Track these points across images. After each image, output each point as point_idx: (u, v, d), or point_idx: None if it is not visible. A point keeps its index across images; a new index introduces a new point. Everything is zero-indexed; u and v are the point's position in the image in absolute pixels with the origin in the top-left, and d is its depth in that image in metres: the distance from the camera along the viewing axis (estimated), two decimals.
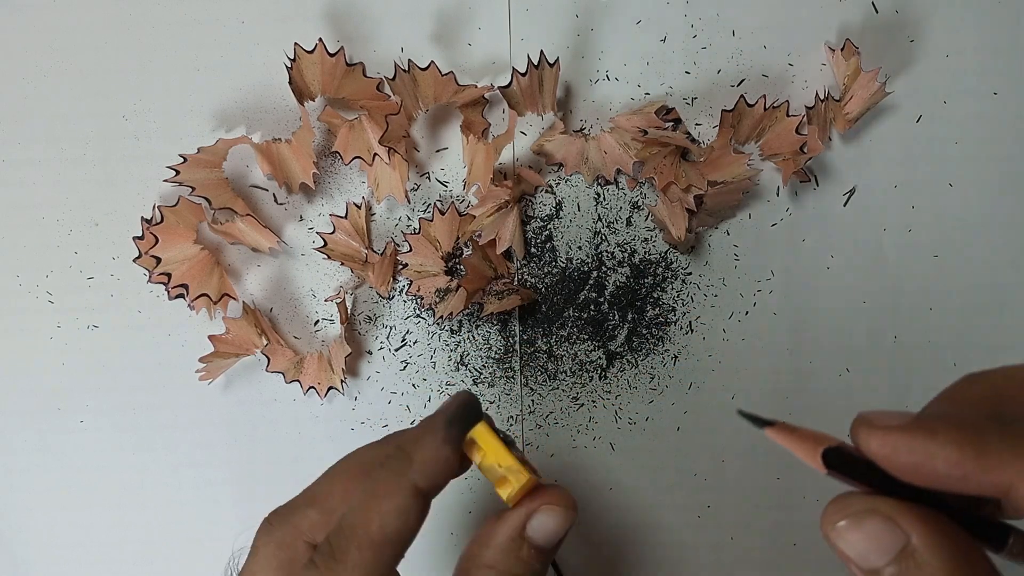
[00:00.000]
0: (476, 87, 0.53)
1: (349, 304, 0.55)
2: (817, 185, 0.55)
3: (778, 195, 0.55)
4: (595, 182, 0.55)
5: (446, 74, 0.52)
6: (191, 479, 0.57)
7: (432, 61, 0.52)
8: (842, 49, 0.52)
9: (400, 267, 0.55)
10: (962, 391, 0.31)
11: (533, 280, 0.56)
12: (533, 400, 0.56)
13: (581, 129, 0.55)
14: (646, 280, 0.56)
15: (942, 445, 0.26)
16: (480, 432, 0.38)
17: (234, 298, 0.54)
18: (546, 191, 0.55)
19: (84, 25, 0.55)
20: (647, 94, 0.55)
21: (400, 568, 0.37)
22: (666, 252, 0.56)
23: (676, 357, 0.56)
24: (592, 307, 0.56)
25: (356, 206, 0.55)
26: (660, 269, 0.56)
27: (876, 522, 0.27)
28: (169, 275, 0.52)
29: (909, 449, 0.27)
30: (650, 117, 0.52)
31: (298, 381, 0.55)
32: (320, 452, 0.57)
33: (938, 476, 0.26)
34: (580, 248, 0.55)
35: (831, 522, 0.28)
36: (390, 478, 0.35)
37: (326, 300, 0.56)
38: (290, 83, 0.50)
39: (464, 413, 0.37)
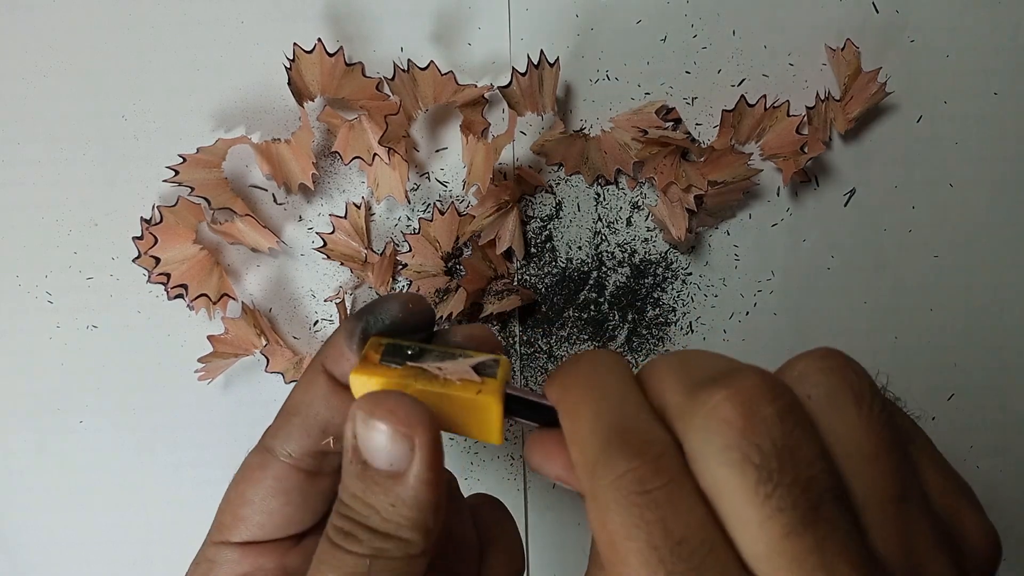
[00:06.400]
0: (476, 87, 0.53)
1: (349, 304, 0.55)
2: (817, 185, 0.55)
3: (778, 195, 0.55)
4: (595, 182, 0.55)
5: (446, 74, 0.52)
6: (191, 479, 0.57)
7: (432, 61, 0.52)
8: (842, 49, 0.52)
9: (400, 267, 0.55)
10: None
11: (533, 280, 0.56)
12: None
13: (581, 129, 0.55)
14: (646, 280, 0.56)
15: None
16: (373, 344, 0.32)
17: (233, 298, 0.54)
18: (546, 191, 0.55)
19: (84, 25, 0.55)
20: (647, 94, 0.55)
21: None
22: (666, 252, 0.56)
23: None
24: (592, 307, 0.56)
25: (356, 206, 0.55)
26: (660, 269, 0.56)
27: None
28: (168, 275, 0.52)
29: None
30: (650, 117, 0.52)
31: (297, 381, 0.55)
32: None
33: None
34: (580, 248, 0.55)
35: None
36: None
37: (326, 300, 0.56)
38: (289, 83, 0.50)
39: (369, 311, 0.32)
